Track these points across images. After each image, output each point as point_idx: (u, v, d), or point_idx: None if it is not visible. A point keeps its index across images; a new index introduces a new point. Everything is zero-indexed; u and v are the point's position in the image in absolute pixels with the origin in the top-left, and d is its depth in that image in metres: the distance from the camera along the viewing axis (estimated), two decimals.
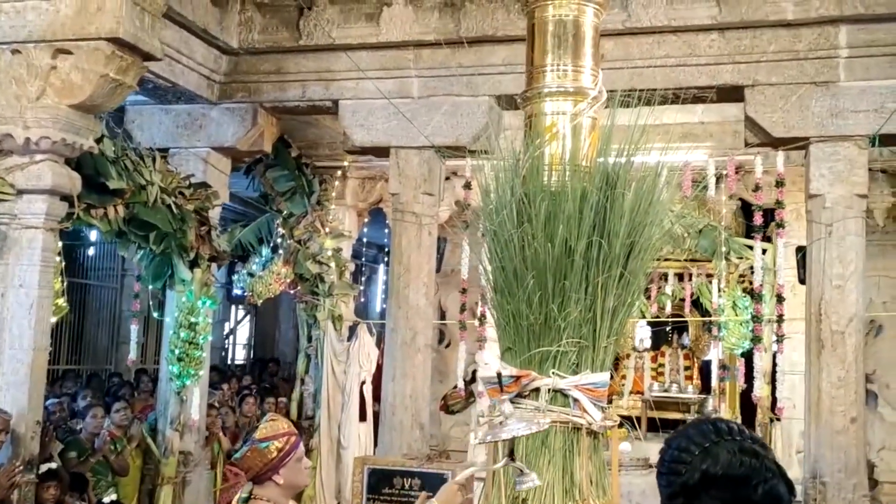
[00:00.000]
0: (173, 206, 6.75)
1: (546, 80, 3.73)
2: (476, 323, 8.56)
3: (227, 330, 17.86)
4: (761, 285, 6.65)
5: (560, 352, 3.55)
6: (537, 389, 3.51)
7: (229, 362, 17.78)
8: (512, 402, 3.61)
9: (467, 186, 7.31)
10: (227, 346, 18.10)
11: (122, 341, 13.37)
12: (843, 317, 6.25)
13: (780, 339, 6.33)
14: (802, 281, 7.02)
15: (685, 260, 10.06)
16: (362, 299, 15.40)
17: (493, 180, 3.68)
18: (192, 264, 7.23)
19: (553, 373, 3.48)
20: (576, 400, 3.55)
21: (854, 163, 6.39)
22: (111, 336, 13.60)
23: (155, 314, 7.52)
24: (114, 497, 6.10)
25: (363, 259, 16.16)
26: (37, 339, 5.20)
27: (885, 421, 10.46)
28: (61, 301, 5.92)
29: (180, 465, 7.42)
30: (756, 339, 6.72)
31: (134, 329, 7.73)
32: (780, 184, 6.56)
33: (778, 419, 9.12)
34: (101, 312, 13.73)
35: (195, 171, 7.58)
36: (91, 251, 13.22)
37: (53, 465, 5.63)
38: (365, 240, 15.04)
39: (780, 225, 6.49)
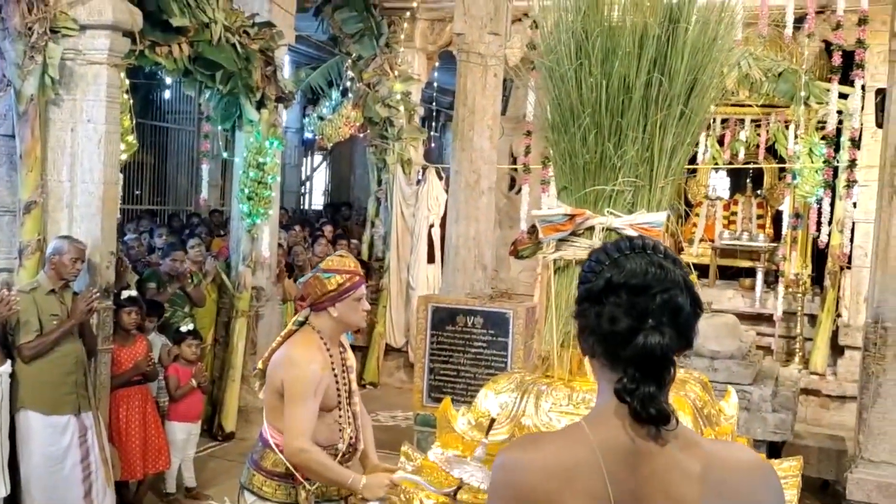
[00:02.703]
0: (238, 45, 6.77)
1: None
2: (541, 167, 8.53)
3: (303, 176, 18.16)
4: (836, 129, 6.40)
5: (615, 191, 3.52)
6: (592, 228, 3.52)
7: (306, 207, 18.15)
8: (566, 240, 3.65)
9: (535, 25, 7.12)
10: (304, 191, 18.44)
11: (201, 183, 13.73)
12: None
13: (850, 184, 6.15)
14: (880, 125, 6.75)
15: (762, 105, 9.72)
16: (433, 145, 15.39)
17: (552, 14, 3.58)
18: (259, 105, 7.30)
19: (608, 211, 3.46)
20: None
21: None
22: (190, 178, 13.97)
23: (224, 154, 7.67)
24: (191, 326, 6.42)
25: (434, 105, 16.04)
26: (107, 173, 5.38)
27: None
28: (131, 138, 6.08)
29: (253, 300, 7.75)
30: (827, 185, 6.54)
31: (205, 168, 7.92)
32: (863, 21, 6.21)
33: (848, 266, 8.99)
34: (181, 155, 14.07)
35: (260, 10, 7.53)
36: (168, 94, 13.40)
37: (133, 292, 5.93)
38: (436, 85, 14.89)
39: (861, 66, 6.18)
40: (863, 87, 6.35)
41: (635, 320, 1.47)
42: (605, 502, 1.44)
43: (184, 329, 6.27)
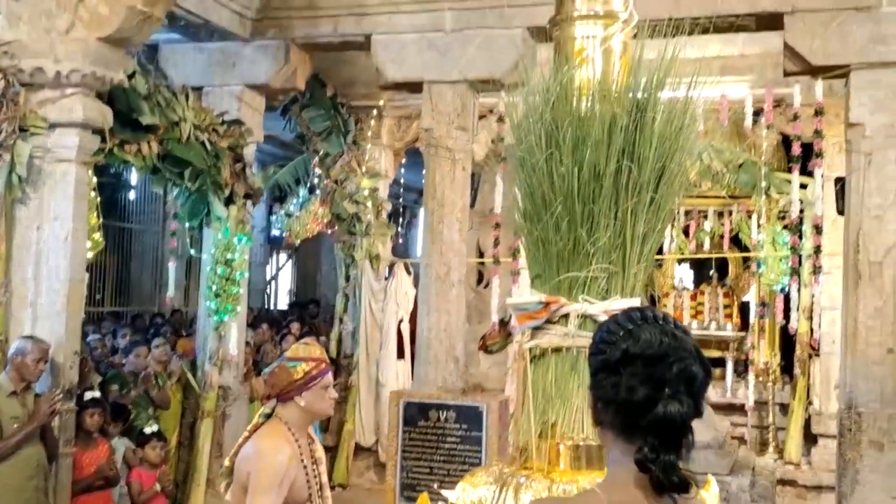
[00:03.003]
0: (207, 143, 6.80)
1: (576, 2, 3.67)
2: (510, 259, 8.55)
3: (269, 275, 18.08)
4: (798, 218, 6.54)
5: (589, 277, 3.53)
6: (566, 315, 3.52)
7: (272, 307, 18.03)
8: (541, 328, 3.63)
9: (501, 120, 7.26)
10: (269, 291, 18.34)
11: (164, 284, 13.60)
12: (880, 247, 6.14)
13: (817, 270, 6.24)
14: (841, 212, 6.90)
15: (725, 196, 9.93)
16: (401, 241, 15.45)
17: (522, 105, 3.65)
18: (228, 201, 7.29)
19: (583, 298, 3.47)
20: None
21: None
22: (154, 279, 13.85)
23: (192, 251, 7.62)
24: (155, 428, 6.25)
25: (401, 201, 16.19)
26: (73, 271, 5.30)
27: None
28: (97, 236, 6.03)
29: (220, 400, 7.58)
30: (793, 272, 6.63)
31: (172, 267, 7.85)
32: (819, 112, 6.41)
33: (816, 354, 9.04)
34: (145, 256, 13.98)
35: (229, 109, 7.59)
36: (132, 195, 13.39)
37: (96, 394, 5.78)
38: (403, 181, 15.06)
39: (819, 154, 6.36)
40: (822, 176, 6.50)
41: (653, 390, 1.50)
42: None
43: (147, 431, 6.09)
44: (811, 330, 8.34)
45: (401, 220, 17.63)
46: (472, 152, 7.55)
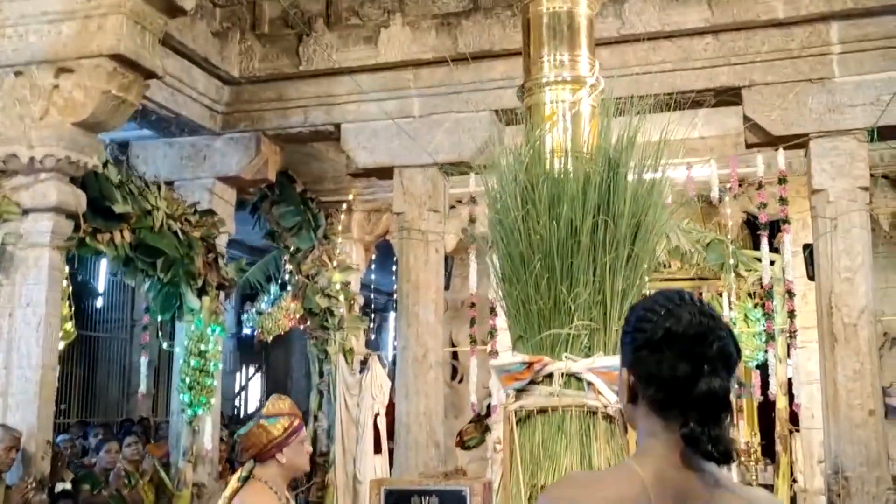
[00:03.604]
0: (179, 233, 6.80)
1: (544, 70, 3.81)
2: (487, 349, 8.50)
3: (239, 384, 17.79)
4: (770, 285, 6.62)
5: (571, 335, 3.53)
6: (550, 375, 3.49)
7: (242, 415, 17.69)
8: (525, 389, 3.60)
9: (473, 201, 7.35)
10: (239, 401, 18.04)
11: (132, 392, 13.34)
12: (854, 309, 6.22)
13: (792, 335, 6.28)
14: (811, 277, 6.99)
15: (694, 278, 10.01)
16: (373, 336, 15.34)
17: (497, 172, 3.73)
18: (201, 292, 7.24)
19: (566, 356, 3.46)
20: (590, 383, 3.52)
21: (854, 156, 6.41)
22: (122, 388, 13.56)
23: (164, 345, 7.51)
24: None
25: (373, 306, 16.17)
26: (45, 357, 5.19)
27: None
28: (69, 326, 5.91)
29: (194, 498, 7.34)
30: (769, 337, 6.67)
31: (144, 362, 7.71)
32: (782, 181, 6.58)
33: (797, 430, 9.00)
34: (112, 364, 13.71)
35: (201, 201, 7.62)
36: (100, 302, 13.23)
37: (68, 486, 5.57)
38: (372, 284, 15.07)
39: (786, 221, 6.49)
40: (789, 242, 6.61)
41: (695, 367, 1.55)
42: None
43: None
44: (790, 404, 8.34)
45: (371, 323, 17.55)
46: (443, 234, 7.60)
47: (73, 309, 5.98)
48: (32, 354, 5.17)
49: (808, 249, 7.01)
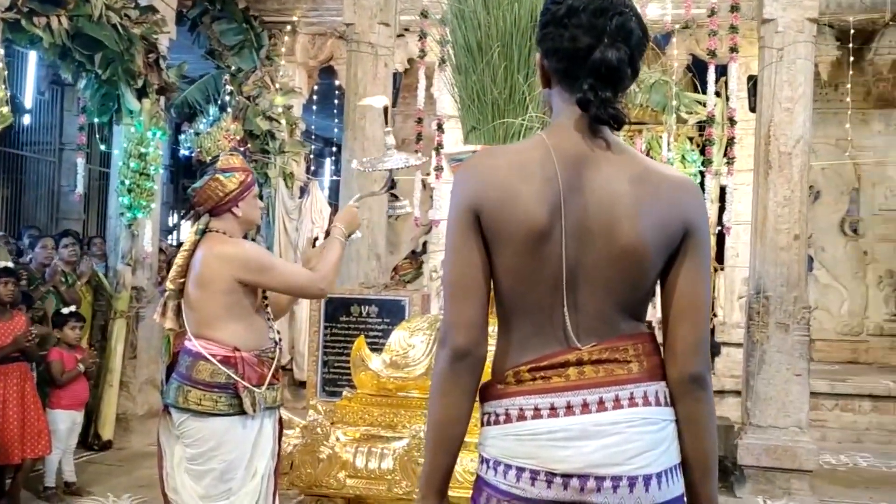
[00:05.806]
0: (119, 27, 6.56)
1: None
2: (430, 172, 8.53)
3: (171, 223, 17.59)
4: (712, 113, 6.71)
5: (525, 125, 3.56)
6: None
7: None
8: None
9: (423, 35, 7.23)
10: (172, 240, 17.89)
11: (61, 217, 13.13)
12: (790, 138, 6.39)
13: (730, 161, 6.45)
14: (753, 109, 7.13)
15: (635, 123, 10.12)
16: (312, 167, 15.23)
17: None
18: (140, 94, 7.07)
19: None
20: None
21: None
22: (50, 212, 13.28)
23: (101, 147, 7.35)
24: (73, 308, 6.03)
25: (311, 152, 15.99)
26: None
27: (818, 282, 10.84)
28: (6, 110, 5.73)
29: (133, 301, 7.38)
30: (707, 162, 6.83)
31: (80, 163, 7.52)
32: (735, 8, 6.60)
33: (721, 268, 9.37)
34: (40, 187, 13.37)
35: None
36: (27, 119, 12.74)
37: (10, 264, 5.54)
38: (314, 127, 14.88)
39: (735, 49, 6.55)
40: (735, 71, 6.68)
41: (594, 39, 1.64)
42: (555, 182, 1.62)
43: (65, 311, 5.88)
44: (717, 246, 8.64)
45: (309, 166, 17.40)
46: (393, 50, 7.49)
47: (9, 93, 5.79)
48: None
49: (752, 81, 7.12)
